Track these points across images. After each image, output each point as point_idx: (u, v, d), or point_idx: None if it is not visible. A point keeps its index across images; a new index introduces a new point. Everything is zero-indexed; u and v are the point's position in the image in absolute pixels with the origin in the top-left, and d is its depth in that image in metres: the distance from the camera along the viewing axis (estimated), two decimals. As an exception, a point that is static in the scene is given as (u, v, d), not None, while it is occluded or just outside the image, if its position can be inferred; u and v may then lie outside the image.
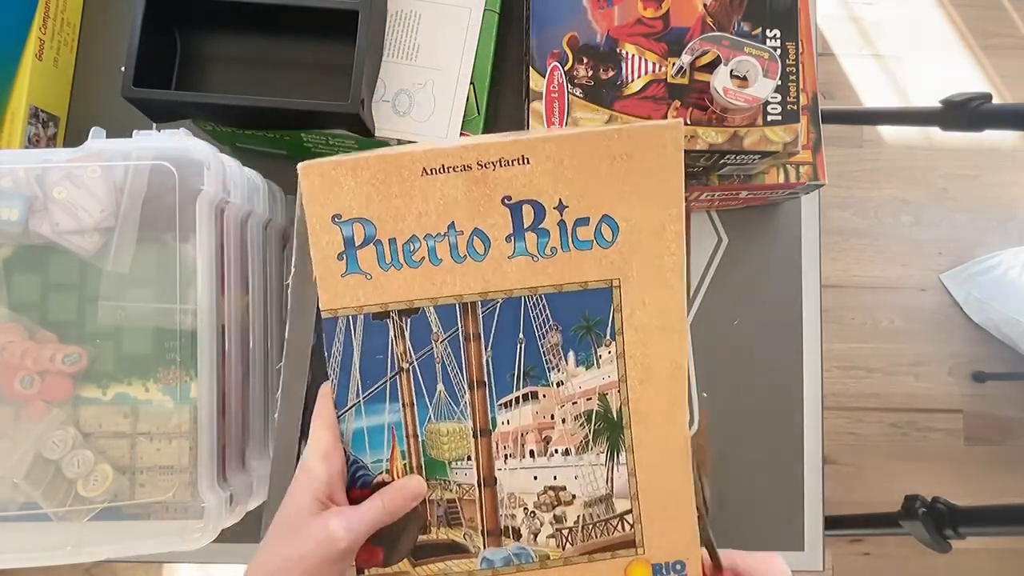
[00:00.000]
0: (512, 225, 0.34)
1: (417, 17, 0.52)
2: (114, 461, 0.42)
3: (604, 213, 0.34)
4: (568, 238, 0.34)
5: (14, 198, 0.41)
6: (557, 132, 0.35)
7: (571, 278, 0.35)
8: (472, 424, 0.36)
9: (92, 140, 0.41)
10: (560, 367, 0.36)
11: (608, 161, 0.33)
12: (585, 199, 0.34)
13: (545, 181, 0.33)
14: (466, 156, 0.33)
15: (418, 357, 0.35)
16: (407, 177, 0.33)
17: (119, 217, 0.41)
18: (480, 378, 0.35)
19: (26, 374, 0.41)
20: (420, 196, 0.33)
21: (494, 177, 0.33)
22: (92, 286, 0.42)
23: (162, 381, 0.42)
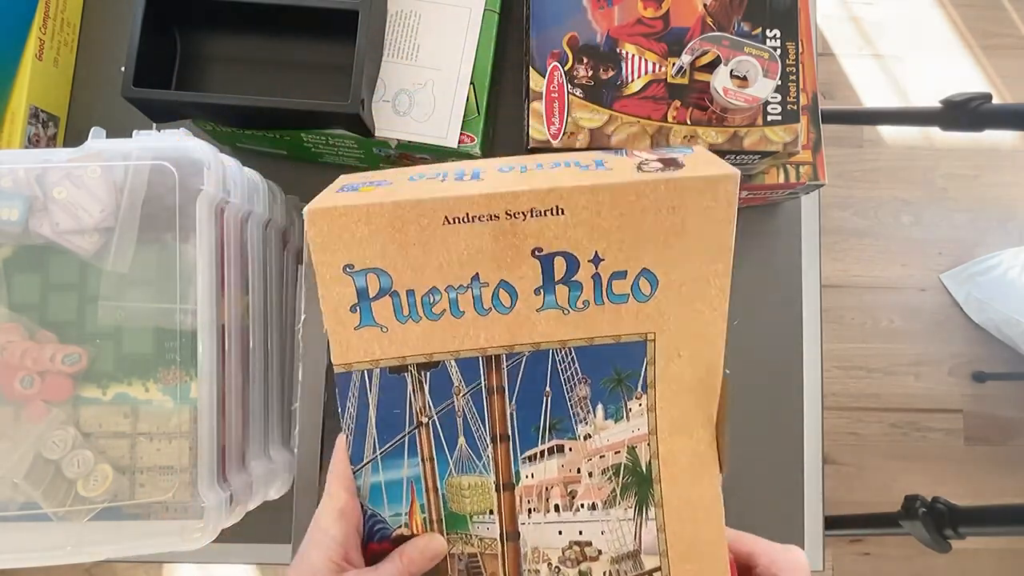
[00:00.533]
0: (542, 278, 0.32)
1: (417, 17, 0.52)
2: (114, 461, 0.42)
3: (643, 267, 0.32)
4: (603, 292, 0.32)
5: (14, 198, 0.41)
6: (596, 181, 0.30)
7: (603, 332, 0.33)
8: (495, 478, 0.34)
9: (92, 140, 0.41)
10: (588, 420, 0.34)
11: (652, 213, 0.30)
12: (624, 252, 0.31)
13: (580, 233, 0.31)
14: (493, 205, 0.30)
15: (438, 411, 0.34)
16: (427, 225, 0.30)
17: (119, 217, 0.41)
18: (504, 432, 0.34)
19: (26, 374, 0.41)
20: (441, 246, 0.31)
21: (524, 228, 0.30)
22: (92, 286, 0.42)
23: (162, 381, 0.42)
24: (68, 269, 0.42)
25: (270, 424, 0.50)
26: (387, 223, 0.30)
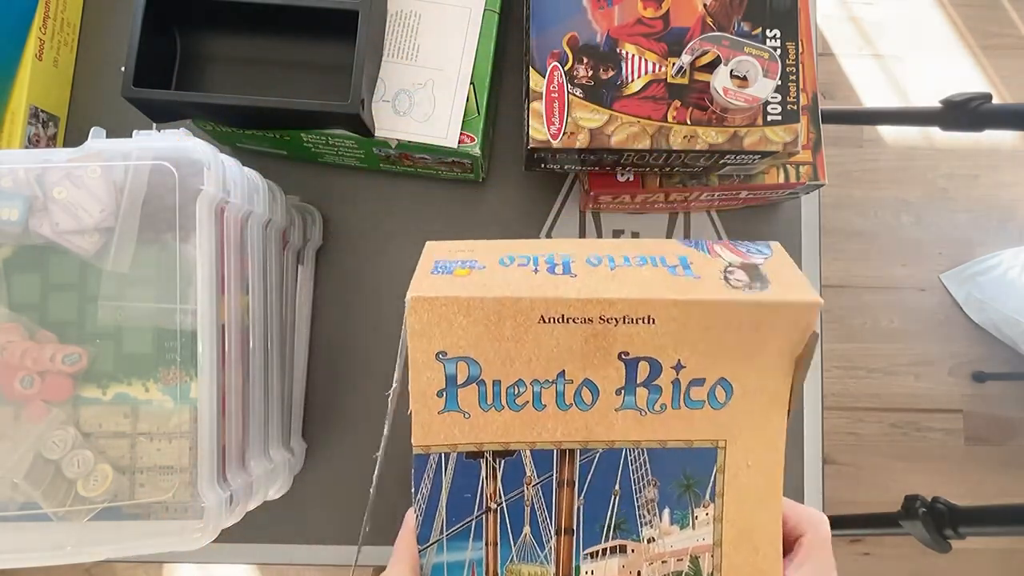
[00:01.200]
0: (625, 379, 0.33)
1: (417, 17, 0.52)
2: (114, 461, 0.42)
3: (721, 376, 0.33)
4: (680, 397, 0.33)
5: (14, 198, 0.41)
6: (687, 295, 0.32)
7: (677, 436, 0.34)
8: (555, 570, 0.34)
9: (92, 140, 0.41)
10: (653, 523, 0.34)
11: (735, 330, 0.32)
12: (705, 361, 0.33)
13: (667, 341, 0.32)
14: (589, 310, 0.32)
15: (507, 499, 0.34)
16: (522, 322, 0.32)
17: (119, 217, 0.41)
18: (569, 525, 0.34)
19: (26, 374, 0.41)
20: (533, 342, 0.32)
21: (614, 332, 0.32)
22: (92, 286, 0.42)
23: (162, 381, 0.42)
24: (68, 269, 0.42)
25: (270, 424, 0.50)
26: (485, 317, 0.32)
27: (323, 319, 0.60)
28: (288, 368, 0.55)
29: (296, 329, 0.56)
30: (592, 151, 0.47)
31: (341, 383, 0.59)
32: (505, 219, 0.61)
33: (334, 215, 0.61)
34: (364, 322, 0.60)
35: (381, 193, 0.61)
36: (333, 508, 0.58)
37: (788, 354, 0.33)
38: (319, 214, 0.59)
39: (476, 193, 0.61)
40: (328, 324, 0.59)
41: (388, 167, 0.58)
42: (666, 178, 0.54)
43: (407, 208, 0.61)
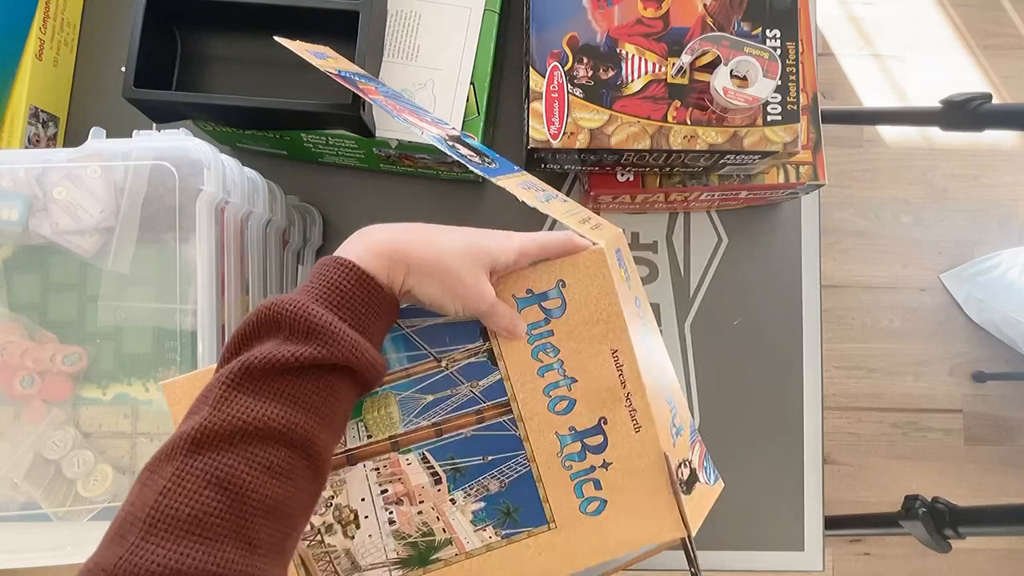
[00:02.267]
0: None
1: (417, 17, 0.52)
2: (115, 461, 0.42)
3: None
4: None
5: (14, 198, 0.41)
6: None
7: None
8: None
9: (92, 140, 0.41)
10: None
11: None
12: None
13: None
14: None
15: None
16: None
17: (119, 217, 0.41)
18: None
19: (26, 374, 0.41)
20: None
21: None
22: (92, 286, 0.42)
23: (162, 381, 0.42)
24: (68, 269, 0.42)
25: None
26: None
27: (323, 319, 0.60)
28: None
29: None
30: (592, 151, 0.47)
31: (341, 383, 0.59)
32: (505, 219, 0.61)
33: (334, 215, 0.61)
34: (364, 322, 0.60)
35: (381, 193, 0.61)
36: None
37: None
38: (319, 214, 0.59)
39: (476, 193, 0.61)
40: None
41: (388, 167, 0.58)
42: (666, 178, 0.54)
43: (407, 208, 0.61)
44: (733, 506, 0.59)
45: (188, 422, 0.28)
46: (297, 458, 0.29)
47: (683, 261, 0.61)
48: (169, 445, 0.28)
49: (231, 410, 0.28)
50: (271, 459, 0.28)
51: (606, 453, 0.37)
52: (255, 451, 0.28)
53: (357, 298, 0.32)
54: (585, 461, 0.37)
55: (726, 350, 0.60)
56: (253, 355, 0.29)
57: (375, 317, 0.33)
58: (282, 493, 0.28)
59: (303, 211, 0.58)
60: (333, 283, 0.32)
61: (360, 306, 0.32)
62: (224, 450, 0.28)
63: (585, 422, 0.37)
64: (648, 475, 0.37)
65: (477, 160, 0.42)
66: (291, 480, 0.29)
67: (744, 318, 0.61)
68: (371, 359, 0.32)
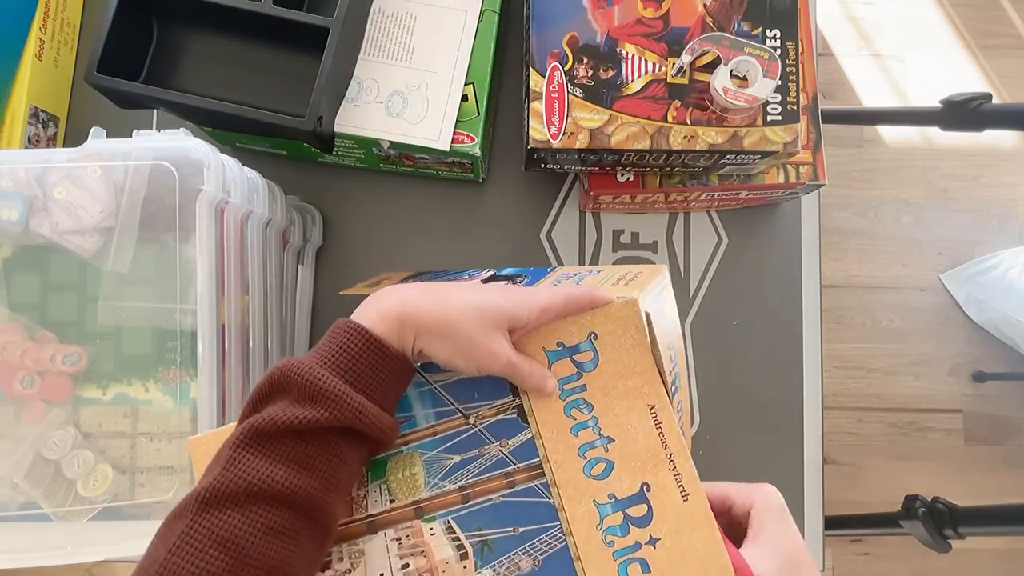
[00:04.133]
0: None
1: (412, 19, 0.52)
2: (114, 461, 0.42)
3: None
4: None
5: (14, 198, 0.41)
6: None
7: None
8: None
9: (92, 140, 0.41)
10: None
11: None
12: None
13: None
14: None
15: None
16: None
17: (119, 217, 0.41)
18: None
19: (26, 374, 0.41)
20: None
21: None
22: (92, 286, 0.42)
23: (162, 381, 0.42)
24: (68, 269, 0.42)
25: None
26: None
27: (323, 319, 0.59)
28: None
29: (296, 329, 0.56)
30: (592, 151, 0.47)
31: (341, 383, 0.59)
32: (505, 219, 0.61)
33: (334, 215, 0.61)
34: (364, 322, 0.60)
35: (381, 193, 0.61)
36: (333, 508, 0.58)
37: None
38: (319, 214, 0.59)
39: (476, 193, 0.61)
40: (328, 324, 0.59)
41: (388, 167, 0.58)
42: (666, 178, 0.54)
43: (407, 208, 0.61)
44: (733, 506, 0.59)
45: (201, 481, 0.30)
46: (301, 519, 0.30)
47: (683, 261, 0.61)
48: (183, 503, 0.29)
49: (238, 471, 0.29)
50: (274, 520, 0.29)
51: (652, 527, 0.33)
52: (259, 512, 0.29)
53: (365, 361, 0.32)
54: (629, 536, 0.34)
55: (726, 350, 0.60)
56: (261, 417, 0.30)
57: (385, 379, 0.33)
58: (284, 554, 0.29)
59: (303, 211, 0.58)
60: (342, 347, 0.32)
61: (368, 369, 0.32)
62: (230, 510, 0.29)
63: (626, 488, 0.34)
64: (703, 553, 0.33)
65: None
66: (294, 541, 0.30)
67: (744, 318, 0.61)
68: (376, 420, 0.32)
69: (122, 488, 0.41)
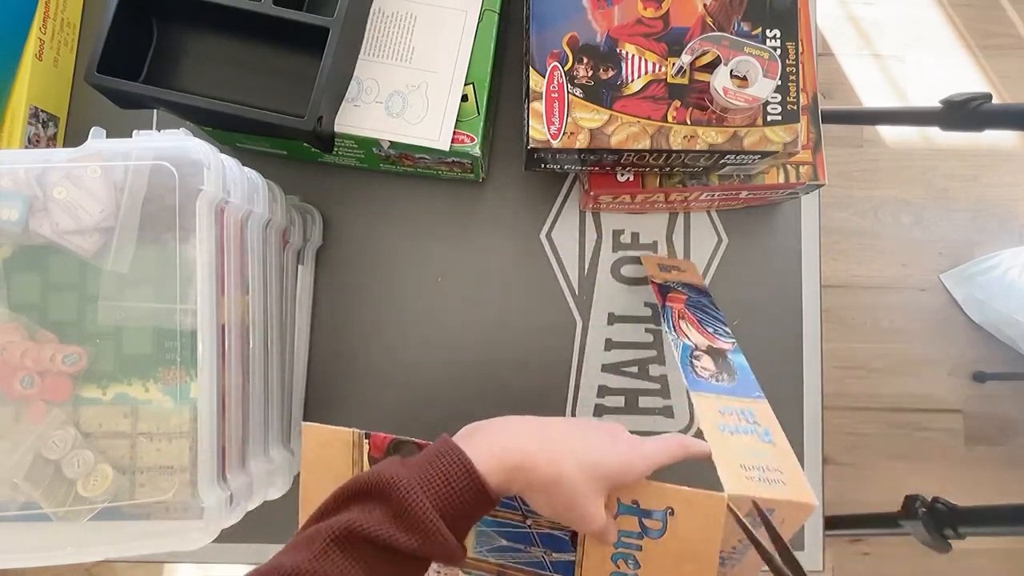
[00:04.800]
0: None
1: (412, 19, 0.52)
2: (114, 461, 0.42)
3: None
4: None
5: (14, 198, 0.41)
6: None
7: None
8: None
9: (92, 140, 0.41)
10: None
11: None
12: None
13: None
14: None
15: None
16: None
17: (119, 217, 0.41)
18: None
19: (26, 374, 0.41)
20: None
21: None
22: (92, 286, 0.42)
23: (162, 381, 0.42)
24: (68, 269, 0.42)
25: (270, 424, 0.50)
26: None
27: (323, 319, 0.60)
28: (288, 368, 0.55)
29: (296, 329, 0.56)
30: (592, 151, 0.47)
31: (341, 383, 0.59)
32: (505, 219, 0.61)
33: (334, 215, 0.61)
34: (364, 322, 0.60)
35: (381, 193, 0.61)
36: (333, 508, 0.58)
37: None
38: (319, 214, 0.59)
39: (476, 193, 0.61)
40: (328, 324, 0.60)
41: (388, 167, 0.58)
42: (666, 178, 0.54)
43: (407, 208, 0.61)
44: (733, 506, 0.59)
45: (289, 556, 0.32)
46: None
47: (683, 261, 0.61)
48: (270, 570, 0.31)
49: (325, 566, 0.31)
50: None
51: None
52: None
53: (465, 500, 0.33)
54: None
55: (726, 350, 0.60)
56: (360, 522, 0.32)
57: (475, 516, 0.35)
58: None
59: (303, 211, 0.58)
60: (447, 478, 0.33)
61: (465, 507, 0.33)
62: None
63: None
64: None
65: (714, 375, 0.44)
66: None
67: (744, 318, 0.61)
68: (455, 555, 0.34)
69: (122, 488, 0.41)
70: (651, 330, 0.61)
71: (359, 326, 0.60)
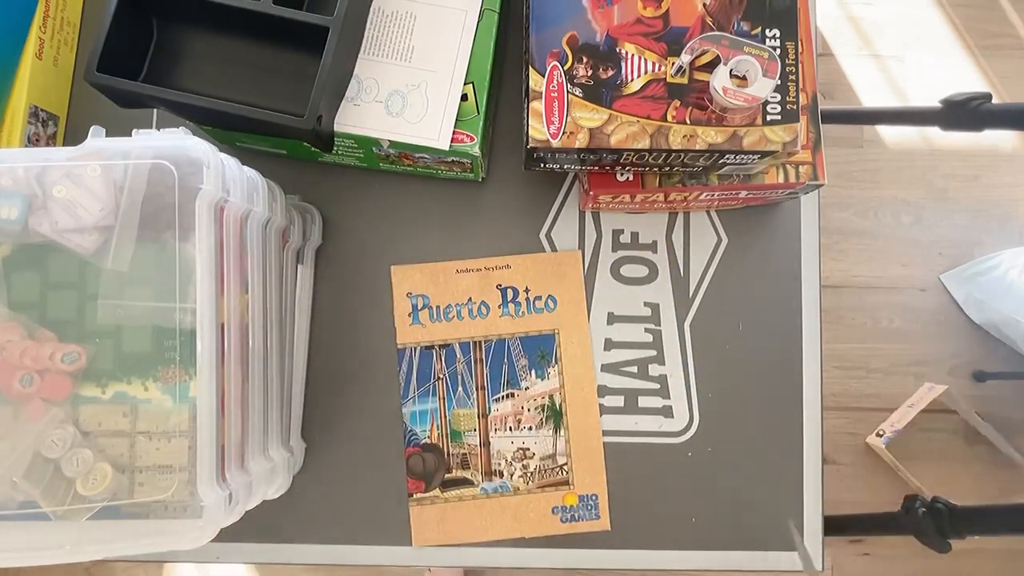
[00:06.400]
0: (501, 299, 0.59)
1: (412, 18, 0.52)
2: (113, 460, 0.42)
3: (549, 293, 0.60)
4: (531, 306, 0.60)
5: (14, 197, 0.41)
6: (527, 256, 0.61)
7: (533, 328, 0.59)
8: (477, 410, 0.59)
9: (92, 139, 0.41)
10: (526, 378, 0.59)
11: (552, 267, 0.60)
12: (539, 287, 0.60)
13: (518, 278, 0.60)
14: (480, 265, 0.60)
15: (448, 371, 0.59)
16: (449, 273, 0.60)
17: (119, 216, 0.41)
18: (482, 384, 0.59)
19: (25, 373, 0.41)
20: (454, 283, 0.60)
21: (493, 275, 0.60)
22: (92, 285, 0.42)
23: (161, 380, 0.42)
24: (67, 268, 0.42)
25: (269, 423, 0.50)
26: (431, 272, 0.60)
27: (323, 318, 0.60)
28: (288, 367, 0.55)
29: (296, 328, 0.56)
30: (591, 151, 0.47)
31: (341, 383, 0.59)
32: (505, 219, 0.61)
33: (334, 215, 0.61)
34: (364, 321, 0.60)
35: (381, 193, 0.61)
36: (332, 507, 0.58)
37: (579, 283, 0.60)
38: (319, 214, 0.59)
39: (476, 193, 0.61)
40: (328, 323, 0.60)
41: (388, 167, 0.58)
42: (666, 178, 0.54)
43: (407, 207, 0.61)
44: (733, 506, 0.59)
45: None
46: None
47: (683, 261, 0.62)
48: None
49: None
50: None
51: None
52: None
53: None
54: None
55: (726, 350, 0.60)
56: None
57: None
58: None
59: (303, 210, 0.58)
60: None
61: None
62: None
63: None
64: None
65: None
66: None
67: (744, 318, 0.61)
68: None
69: (121, 487, 0.41)
70: (651, 330, 0.61)
71: (359, 325, 0.60)
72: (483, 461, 0.58)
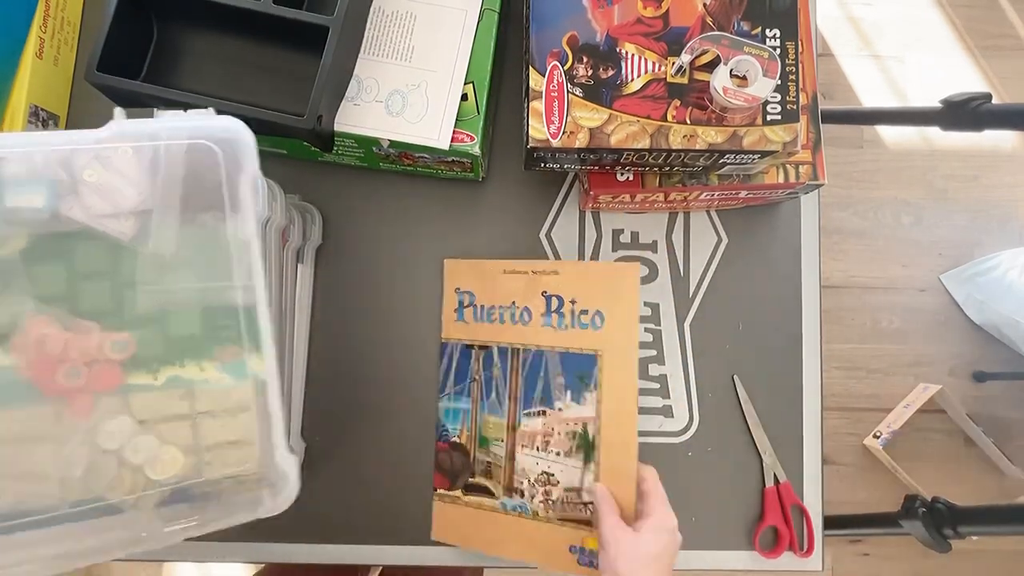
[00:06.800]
0: (545, 307, 0.55)
1: (412, 18, 0.52)
2: (177, 443, 0.41)
3: (597, 309, 0.53)
4: (576, 320, 0.54)
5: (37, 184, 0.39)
6: (579, 263, 0.59)
7: (575, 345, 0.54)
8: (507, 421, 0.56)
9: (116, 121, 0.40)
10: (561, 399, 0.54)
11: (604, 280, 0.54)
12: (587, 300, 0.54)
13: (565, 286, 0.55)
14: (527, 268, 0.56)
15: (484, 375, 0.57)
16: (496, 273, 0.58)
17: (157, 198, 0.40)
18: (516, 395, 0.56)
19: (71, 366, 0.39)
20: (500, 284, 0.57)
21: (539, 280, 0.56)
22: (126, 271, 0.41)
23: (219, 359, 0.41)
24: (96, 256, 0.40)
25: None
26: (480, 271, 0.58)
27: (323, 317, 0.60)
28: (288, 367, 0.55)
29: (296, 328, 0.56)
30: (592, 150, 0.47)
31: (341, 382, 0.59)
32: (505, 218, 0.61)
33: (334, 214, 0.61)
34: (364, 321, 0.60)
35: (381, 192, 0.61)
36: (333, 507, 0.58)
37: (632, 301, 0.53)
38: (319, 213, 0.59)
39: (476, 192, 0.61)
40: (328, 322, 0.60)
41: (388, 166, 0.58)
42: (666, 178, 0.54)
43: (407, 207, 0.61)
44: (733, 506, 0.59)
45: None
46: None
47: (683, 261, 0.62)
48: None
49: None
50: None
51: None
52: None
53: None
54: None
55: (726, 350, 0.60)
56: None
57: None
58: None
59: (303, 210, 0.58)
60: None
61: None
62: None
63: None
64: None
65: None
66: None
67: (744, 318, 0.61)
68: None
69: (189, 468, 0.40)
70: (651, 330, 0.61)
71: (359, 325, 0.60)
72: (506, 475, 0.55)
